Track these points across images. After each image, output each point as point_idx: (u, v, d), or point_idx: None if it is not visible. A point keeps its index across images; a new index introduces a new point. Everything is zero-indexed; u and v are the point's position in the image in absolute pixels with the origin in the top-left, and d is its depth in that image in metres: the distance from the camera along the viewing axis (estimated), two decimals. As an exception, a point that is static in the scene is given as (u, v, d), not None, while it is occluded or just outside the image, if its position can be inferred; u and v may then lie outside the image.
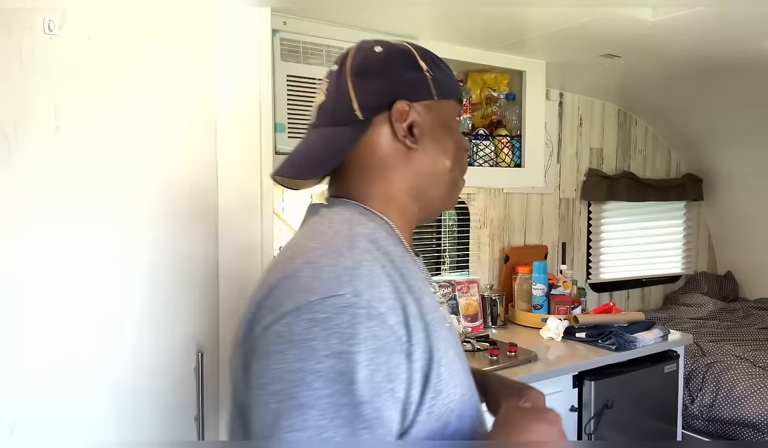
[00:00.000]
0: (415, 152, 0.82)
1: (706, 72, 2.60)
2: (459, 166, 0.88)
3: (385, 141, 0.82)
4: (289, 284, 0.68)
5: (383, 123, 0.81)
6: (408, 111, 0.81)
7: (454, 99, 0.88)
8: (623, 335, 2.29)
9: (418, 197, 0.84)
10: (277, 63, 1.83)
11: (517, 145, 2.45)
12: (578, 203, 3.35)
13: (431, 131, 0.83)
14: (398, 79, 0.82)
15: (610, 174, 3.42)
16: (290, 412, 0.61)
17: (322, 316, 0.64)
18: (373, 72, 0.82)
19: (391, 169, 0.82)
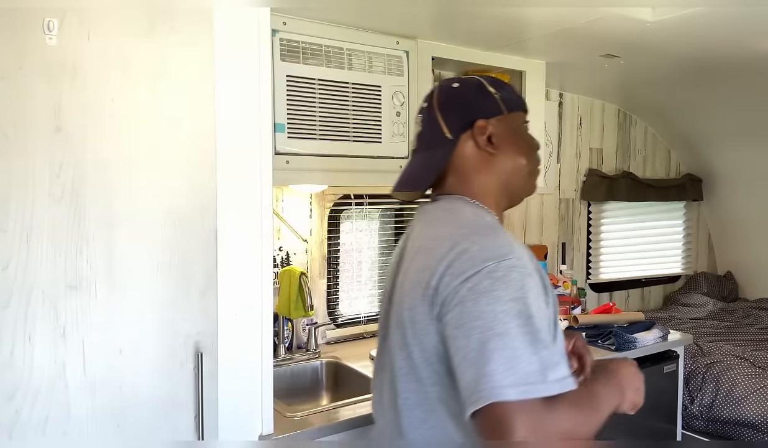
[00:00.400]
0: (496, 156, 1.08)
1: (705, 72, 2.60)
2: (532, 161, 1.14)
3: (471, 151, 1.08)
4: (465, 256, 0.93)
5: (468, 139, 1.08)
6: (485, 126, 1.08)
7: (519, 110, 1.14)
8: (623, 335, 2.29)
9: (505, 190, 1.10)
10: (277, 63, 1.83)
11: (516, 145, 2.45)
12: (578, 203, 3.35)
13: (506, 138, 1.09)
14: (474, 104, 1.09)
15: (610, 174, 3.42)
16: (492, 338, 0.86)
17: (499, 274, 0.90)
18: (454, 102, 1.10)
19: (481, 172, 1.08)
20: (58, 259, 1.21)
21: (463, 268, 0.92)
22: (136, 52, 1.27)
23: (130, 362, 1.29)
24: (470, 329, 0.88)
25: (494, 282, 0.89)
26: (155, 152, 1.30)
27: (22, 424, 1.18)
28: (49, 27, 1.18)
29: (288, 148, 1.87)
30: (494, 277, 0.89)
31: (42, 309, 1.19)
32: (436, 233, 1.02)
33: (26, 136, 1.17)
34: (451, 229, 1.00)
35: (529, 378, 0.85)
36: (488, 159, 1.08)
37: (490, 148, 1.07)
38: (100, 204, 1.25)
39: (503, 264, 0.91)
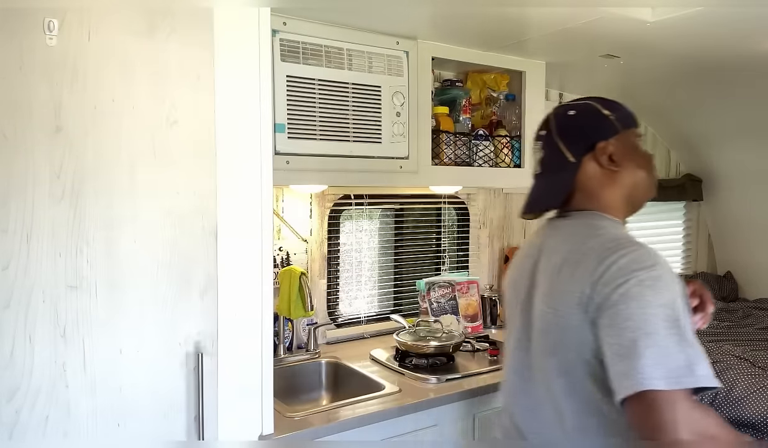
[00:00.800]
0: (618, 173, 1.19)
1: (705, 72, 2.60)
2: (651, 171, 1.25)
3: (595, 171, 1.20)
4: (614, 267, 1.04)
5: (590, 160, 1.20)
6: (606, 146, 1.19)
7: (633, 127, 1.25)
8: (623, 335, 2.29)
9: (629, 201, 1.21)
10: (277, 63, 1.83)
11: (516, 145, 2.45)
12: (578, 203, 3.35)
13: (625, 154, 1.20)
14: (593, 128, 1.22)
15: (609, 174, 3.42)
16: (642, 337, 0.97)
17: (648, 282, 1.01)
18: (573, 129, 1.23)
19: (606, 187, 1.20)
20: (59, 259, 1.21)
21: (614, 277, 1.03)
22: (136, 52, 1.27)
23: (131, 362, 1.29)
24: (622, 329, 0.99)
25: (643, 289, 1.00)
26: (155, 152, 1.31)
27: (22, 424, 1.18)
28: (50, 27, 1.18)
29: (288, 149, 1.87)
30: (643, 284, 1.00)
31: (42, 309, 1.20)
32: (580, 247, 1.13)
33: (26, 136, 1.17)
34: (595, 243, 1.11)
35: (677, 372, 0.95)
36: (611, 176, 1.20)
37: (612, 166, 1.19)
38: (100, 204, 1.25)
39: (651, 274, 1.02)
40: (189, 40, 1.34)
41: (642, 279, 1.01)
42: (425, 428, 1.78)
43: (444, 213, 2.76)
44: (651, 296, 0.99)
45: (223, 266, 1.39)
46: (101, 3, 1.24)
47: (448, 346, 2.07)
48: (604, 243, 1.10)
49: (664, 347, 0.96)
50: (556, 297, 1.12)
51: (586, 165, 1.20)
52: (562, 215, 1.24)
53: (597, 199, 1.20)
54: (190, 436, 1.36)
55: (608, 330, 1.02)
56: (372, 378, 1.96)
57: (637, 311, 0.99)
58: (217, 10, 1.37)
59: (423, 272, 2.69)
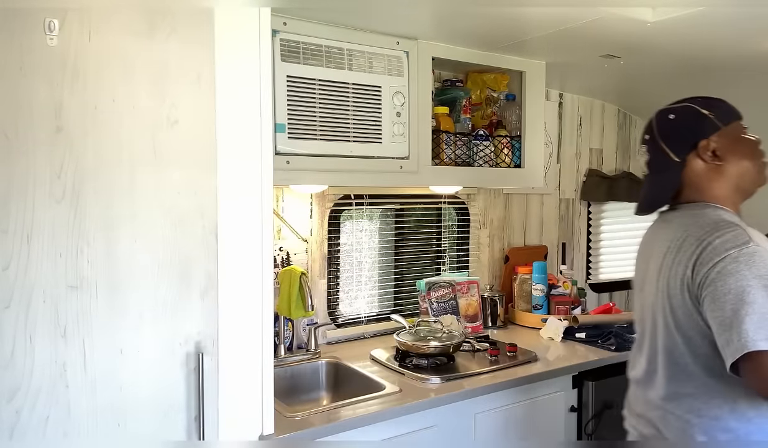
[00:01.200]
0: (723, 166, 1.30)
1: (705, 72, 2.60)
2: (758, 159, 1.34)
3: (700, 167, 1.31)
4: (709, 248, 1.17)
5: (694, 157, 1.32)
6: (707, 144, 1.30)
7: (736, 120, 1.35)
8: (623, 335, 2.29)
9: (737, 189, 1.32)
10: (277, 63, 1.83)
11: (516, 145, 2.46)
12: (578, 204, 3.35)
13: (728, 148, 1.30)
14: (693, 128, 1.33)
15: (609, 174, 3.42)
16: (742, 307, 1.10)
17: (742, 258, 1.13)
18: (675, 131, 1.35)
19: (713, 180, 1.31)
20: (59, 259, 1.21)
21: (710, 257, 1.16)
22: (137, 52, 1.28)
23: (131, 362, 1.29)
24: (723, 302, 1.12)
25: (738, 264, 1.13)
26: (156, 152, 1.31)
27: (22, 424, 1.18)
28: (50, 27, 1.18)
29: (288, 149, 1.87)
30: (738, 261, 1.13)
31: (42, 309, 1.20)
32: (682, 234, 1.25)
33: (27, 137, 1.17)
34: (695, 229, 1.23)
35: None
36: (716, 169, 1.30)
37: (716, 161, 1.29)
38: (100, 204, 1.25)
39: (745, 251, 1.14)
40: (189, 40, 1.34)
41: (735, 256, 1.13)
42: (425, 428, 1.78)
43: (444, 213, 2.76)
44: (746, 270, 1.11)
45: (223, 266, 1.39)
46: (101, 3, 1.24)
47: (449, 346, 2.07)
48: (702, 227, 1.22)
49: (763, 313, 1.08)
50: (665, 282, 1.25)
51: (691, 162, 1.32)
52: (672, 208, 1.37)
53: (705, 192, 1.31)
54: (191, 436, 1.36)
55: (711, 306, 1.14)
56: (372, 378, 1.96)
57: (734, 285, 1.11)
58: (218, 10, 1.37)
59: (423, 272, 2.69)
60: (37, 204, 1.19)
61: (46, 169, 1.19)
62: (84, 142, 1.23)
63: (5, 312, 1.16)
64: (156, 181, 1.31)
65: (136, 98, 1.28)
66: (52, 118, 1.19)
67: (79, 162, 1.22)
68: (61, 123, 1.20)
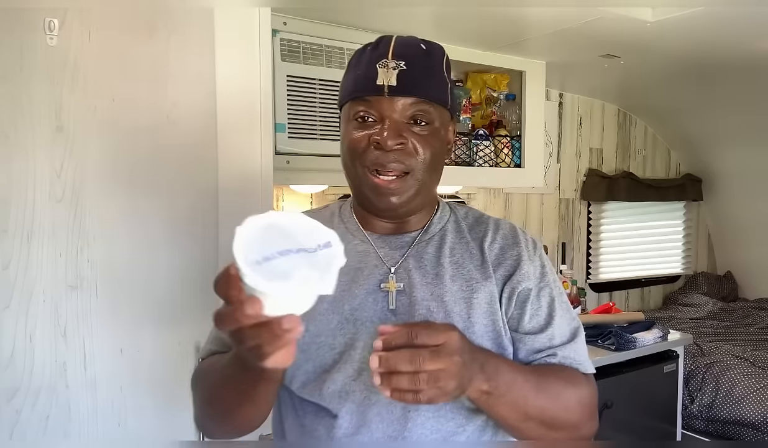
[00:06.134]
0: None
1: (705, 72, 2.60)
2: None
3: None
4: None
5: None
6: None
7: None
8: (623, 335, 2.29)
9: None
10: (277, 63, 1.83)
11: (517, 145, 2.46)
12: (578, 203, 3.36)
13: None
14: None
15: (610, 174, 3.42)
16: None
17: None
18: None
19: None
20: (59, 259, 1.21)
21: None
22: (136, 52, 1.27)
23: (131, 362, 1.29)
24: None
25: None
26: (156, 152, 1.30)
27: (22, 424, 1.18)
28: (50, 27, 1.18)
29: (288, 148, 1.87)
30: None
31: (43, 309, 1.20)
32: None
33: (27, 136, 1.17)
34: None
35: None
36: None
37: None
38: (100, 204, 1.25)
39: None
40: (189, 40, 1.33)
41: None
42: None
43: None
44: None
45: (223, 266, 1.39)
46: (101, 3, 1.24)
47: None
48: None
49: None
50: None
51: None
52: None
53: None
54: (191, 436, 1.36)
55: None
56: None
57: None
58: (218, 10, 1.37)
59: (423, 272, 2.69)
60: (37, 204, 1.19)
61: (46, 169, 1.19)
62: (84, 142, 1.23)
63: (5, 312, 1.16)
64: (156, 181, 1.31)
65: (136, 98, 1.28)
66: (52, 118, 1.19)
67: (79, 162, 1.22)
68: (61, 123, 1.20)
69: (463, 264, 0.92)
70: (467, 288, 0.89)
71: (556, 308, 0.92)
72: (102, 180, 1.25)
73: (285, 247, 0.59)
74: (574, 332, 0.92)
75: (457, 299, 0.89)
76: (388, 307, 0.88)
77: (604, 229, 3.52)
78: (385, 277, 0.90)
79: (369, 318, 0.87)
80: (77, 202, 1.22)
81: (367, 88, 0.87)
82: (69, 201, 1.22)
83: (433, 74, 0.89)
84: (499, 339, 0.89)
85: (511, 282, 0.91)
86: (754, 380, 2.66)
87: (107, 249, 1.26)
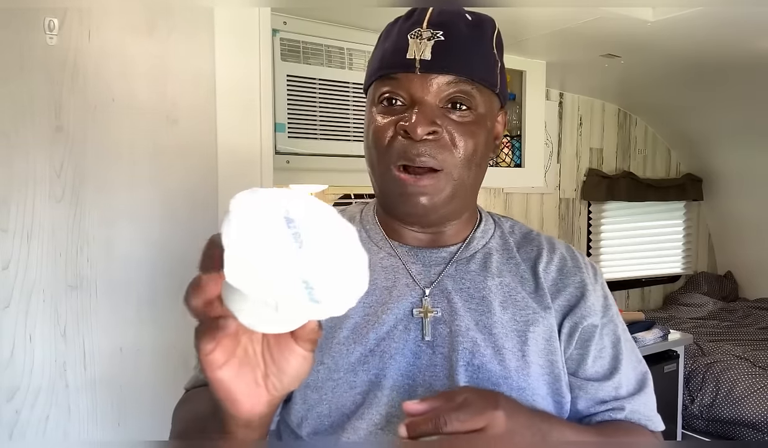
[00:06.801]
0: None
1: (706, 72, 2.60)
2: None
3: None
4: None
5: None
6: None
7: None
8: (623, 334, 2.29)
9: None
10: (277, 63, 1.83)
11: (517, 145, 2.45)
12: (578, 203, 3.35)
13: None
14: None
15: (610, 174, 3.42)
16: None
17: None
18: None
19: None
20: (59, 258, 1.21)
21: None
22: (136, 51, 1.27)
23: (131, 362, 1.29)
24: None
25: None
26: (156, 152, 1.30)
27: (22, 424, 1.18)
28: (50, 26, 1.18)
29: (288, 148, 1.87)
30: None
31: (42, 309, 1.20)
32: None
33: (27, 136, 1.17)
34: None
35: None
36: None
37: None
38: (100, 204, 1.25)
39: None
40: (189, 40, 1.33)
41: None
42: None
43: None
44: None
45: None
46: (101, 2, 1.23)
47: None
48: None
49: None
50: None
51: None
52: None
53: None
54: (191, 436, 1.36)
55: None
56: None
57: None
58: (218, 10, 1.37)
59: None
60: (37, 204, 1.18)
61: (46, 168, 1.19)
62: (84, 142, 1.22)
63: (5, 312, 1.16)
64: (156, 181, 1.31)
65: (136, 98, 1.28)
66: (51, 118, 1.19)
67: (79, 161, 1.22)
68: (61, 122, 1.20)
69: (514, 289, 0.75)
70: (521, 319, 0.73)
71: (623, 350, 0.77)
72: (102, 180, 1.25)
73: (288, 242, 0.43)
74: (642, 378, 0.79)
75: (508, 331, 0.72)
76: (423, 337, 0.72)
77: (604, 229, 3.52)
78: (419, 300, 0.74)
79: (399, 351, 0.71)
80: (77, 203, 1.22)
81: (394, 63, 0.70)
82: (69, 201, 1.22)
83: (480, 48, 0.71)
84: (557, 385, 0.73)
85: (573, 315, 0.75)
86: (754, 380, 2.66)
87: (107, 249, 1.26)
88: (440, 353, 0.71)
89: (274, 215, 0.43)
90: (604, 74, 2.72)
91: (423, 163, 0.69)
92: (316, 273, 0.42)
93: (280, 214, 0.43)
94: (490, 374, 0.70)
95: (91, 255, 1.24)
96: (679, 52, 2.32)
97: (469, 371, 0.70)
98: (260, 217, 0.43)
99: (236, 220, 0.43)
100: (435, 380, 0.70)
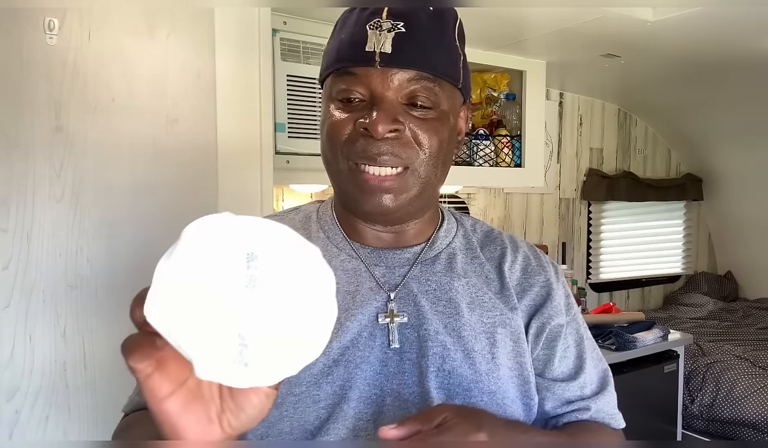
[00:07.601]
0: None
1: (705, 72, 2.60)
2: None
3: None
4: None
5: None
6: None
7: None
8: (623, 334, 2.29)
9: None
10: (278, 63, 1.83)
11: (517, 145, 2.45)
12: (578, 203, 3.35)
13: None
14: None
15: (610, 174, 3.42)
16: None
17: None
18: None
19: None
20: (59, 259, 1.21)
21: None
22: (136, 51, 1.27)
23: (131, 362, 1.29)
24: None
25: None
26: (156, 151, 1.30)
27: (22, 424, 1.18)
28: (50, 27, 1.18)
29: (288, 148, 1.87)
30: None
31: (42, 309, 1.19)
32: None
33: (27, 136, 1.17)
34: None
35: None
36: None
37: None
38: (100, 204, 1.25)
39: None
40: (189, 40, 1.33)
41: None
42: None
43: (444, 213, 2.76)
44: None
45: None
46: (101, 3, 1.23)
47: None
48: None
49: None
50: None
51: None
52: None
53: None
54: (191, 436, 1.36)
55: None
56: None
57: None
58: (218, 10, 1.37)
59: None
60: (37, 204, 1.18)
61: (46, 169, 1.19)
62: (84, 142, 1.22)
63: (5, 312, 1.16)
64: (156, 181, 1.31)
65: (135, 98, 1.28)
66: (52, 118, 1.19)
67: (79, 161, 1.22)
68: (61, 123, 1.20)
69: (480, 289, 0.74)
70: (489, 320, 0.71)
71: (586, 349, 0.78)
72: (102, 180, 1.25)
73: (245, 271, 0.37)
74: (603, 376, 0.80)
75: (477, 333, 0.70)
76: (389, 344, 0.69)
77: (604, 229, 3.52)
78: (384, 305, 0.70)
79: (365, 359, 0.67)
80: (77, 202, 1.22)
81: (352, 56, 0.66)
82: (69, 201, 1.22)
83: (442, 41, 0.68)
84: (526, 387, 0.72)
85: (540, 316, 0.74)
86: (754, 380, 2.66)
87: (107, 249, 1.26)
88: (408, 359, 0.68)
89: (229, 250, 0.36)
90: (604, 74, 2.72)
91: (385, 162, 0.66)
92: (259, 328, 0.35)
93: (239, 250, 0.36)
94: (461, 379, 0.68)
95: (91, 255, 1.24)
96: (679, 52, 2.32)
97: (440, 376, 0.68)
98: (211, 250, 0.37)
99: (179, 251, 0.37)
100: (404, 388, 0.67)
